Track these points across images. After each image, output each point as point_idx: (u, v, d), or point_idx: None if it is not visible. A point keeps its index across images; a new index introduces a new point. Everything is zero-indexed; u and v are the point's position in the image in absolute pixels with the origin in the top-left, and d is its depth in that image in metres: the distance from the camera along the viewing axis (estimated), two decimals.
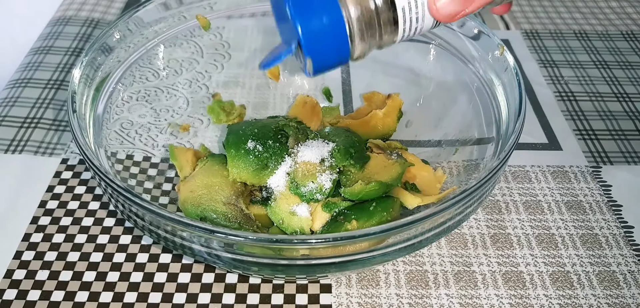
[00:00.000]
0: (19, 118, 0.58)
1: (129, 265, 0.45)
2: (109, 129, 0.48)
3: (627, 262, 0.46)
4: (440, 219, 0.36)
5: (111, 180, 0.37)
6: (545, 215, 0.50)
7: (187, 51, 0.57)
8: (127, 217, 0.39)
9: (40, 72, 0.65)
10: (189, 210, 0.44)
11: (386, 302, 0.43)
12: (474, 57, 0.50)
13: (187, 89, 0.56)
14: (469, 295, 0.43)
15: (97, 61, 0.47)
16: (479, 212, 0.50)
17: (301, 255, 0.36)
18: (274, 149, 0.45)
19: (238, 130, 0.46)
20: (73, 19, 0.75)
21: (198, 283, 0.44)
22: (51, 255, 0.45)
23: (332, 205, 0.43)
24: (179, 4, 0.55)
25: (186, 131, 0.54)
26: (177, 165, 0.48)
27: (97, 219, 0.48)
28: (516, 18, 0.78)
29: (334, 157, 0.45)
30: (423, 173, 0.49)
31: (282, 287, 0.44)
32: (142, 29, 0.52)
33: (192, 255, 0.38)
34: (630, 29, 0.76)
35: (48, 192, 0.50)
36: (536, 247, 0.47)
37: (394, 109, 0.54)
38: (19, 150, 0.55)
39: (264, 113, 0.58)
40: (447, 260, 0.46)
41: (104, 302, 0.42)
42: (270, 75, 0.60)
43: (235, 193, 0.45)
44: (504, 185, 0.53)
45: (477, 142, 0.48)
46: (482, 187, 0.37)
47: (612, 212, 0.50)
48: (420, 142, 0.53)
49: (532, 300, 0.43)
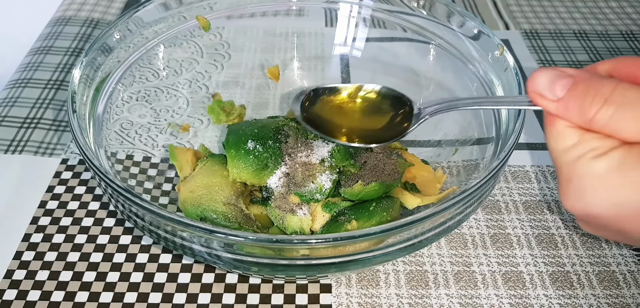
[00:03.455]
0: (19, 118, 0.58)
1: (129, 265, 0.45)
2: (109, 129, 0.48)
3: (627, 262, 0.46)
4: (440, 219, 0.36)
5: (111, 180, 0.37)
6: (545, 215, 0.50)
7: (187, 51, 0.57)
8: (127, 217, 0.39)
9: (40, 72, 0.65)
10: (189, 210, 0.44)
11: (386, 302, 0.43)
12: (474, 57, 0.50)
13: (187, 89, 0.56)
14: (469, 295, 0.43)
15: (97, 61, 0.47)
16: (479, 212, 0.50)
17: (301, 255, 0.36)
18: (274, 149, 0.45)
19: (238, 130, 0.46)
20: (73, 19, 0.75)
21: (198, 284, 0.44)
22: (51, 255, 0.45)
23: (332, 205, 0.43)
24: (179, 4, 0.55)
25: (186, 131, 0.54)
26: (177, 165, 0.48)
27: (97, 219, 0.48)
28: (516, 18, 0.78)
29: (334, 157, 0.45)
30: (423, 173, 0.49)
31: (282, 287, 0.44)
32: (142, 29, 0.52)
33: (192, 256, 0.38)
34: (630, 29, 0.76)
35: (48, 192, 0.50)
36: (536, 247, 0.47)
37: None
38: (19, 151, 0.55)
39: (264, 113, 0.58)
40: (447, 260, 0.46)
41: (104, 302, 0.42)
42: (270, 75, 0.60)
43: (235, 194, 0.45)
44: (504, 185, 0.53)
45: (477, 142, 0.48)
46: (482, 187, 0.37)
47: None
48: (420, 142, 0.53)
49: (532, 300, 0.43)
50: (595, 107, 0.28)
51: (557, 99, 0.29)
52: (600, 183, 0.28)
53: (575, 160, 0.29)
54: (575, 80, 0.29)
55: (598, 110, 0.28)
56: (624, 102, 0.27)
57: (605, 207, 0.28)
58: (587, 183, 0.28)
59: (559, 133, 0.30)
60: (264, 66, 0.61)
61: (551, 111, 0.30)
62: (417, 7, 0.55)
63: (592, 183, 0.28)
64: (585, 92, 0.28)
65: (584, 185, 0.28)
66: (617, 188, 0.27)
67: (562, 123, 0.29)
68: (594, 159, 0.28)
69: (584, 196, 0.29)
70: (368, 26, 0.58)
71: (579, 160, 0.28)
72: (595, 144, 0.28)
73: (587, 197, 0.29)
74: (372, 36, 0.58)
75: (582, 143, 0.29)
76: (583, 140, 0.29)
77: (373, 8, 0.57)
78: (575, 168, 0.29)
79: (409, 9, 0.55)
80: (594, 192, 0.28)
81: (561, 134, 0.29)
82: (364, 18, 0.58)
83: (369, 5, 0.58)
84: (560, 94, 0.29)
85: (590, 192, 0.28)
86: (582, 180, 0.28)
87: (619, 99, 0.27)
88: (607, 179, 0.28)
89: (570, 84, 0.29)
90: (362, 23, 0.58)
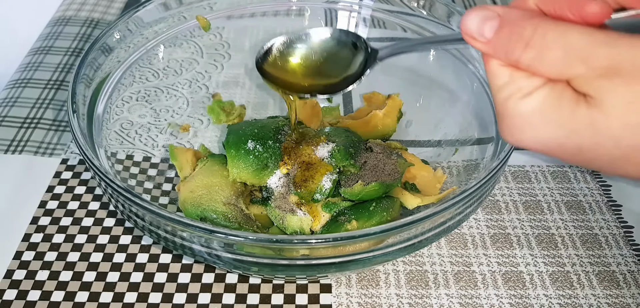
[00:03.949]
0: (19, 118, 0.58)
1: (129, 265, 0.45)
2: (109, 129, 0.48)
3: (627, 262, 0.46)
4: (440, 219, 0.36)
5: (111, 181, 0.37)
6: (545, 215, 0.50)
7: (187, 51, 0.57)
8: (127, 217, 0.39)
9: (40, 72, 0.65)
10: (189, 210, 0.44)
11: (386, 302, 0.43)
12: (474, 57, 0.50)
13: (187, 89, 0.56)
14: (469, 295, 0.43)
15: (97, 61, 0.47)
16: (479, 212, 0.50)
17: (301, 255, 0.36)
18: (274, 149, 0.45)
19: (238, 130, 0.46)
20: (73, 19, 0.75)
21: (198, 284, 0.44)
22: (51, 255, 0.45)
23: (332, 205, 0.43)
24: (179, 4, 0.55)
25: (186, 131, 0.54)
26: (177, 165, 0.48)
27: (97, 219, 0.48)
28: None
29: (334, 157, 0.45)
30: (423, 173, 0.49)
31: (282, 287, 0.44)
32: (142, 29, 0.52)
33: (192, 255, 0.38)
34: None
35: (48, 192, 0.50)
36: (536, 247, 0.47)
37: (393, 109, 0.54)
38: (19, 151, 0.55)
39: (264, 113, 0.58)
40: (447, 260, 0.46)
41: (104, 302, 0.42)
42: None
43: (235, 194, 0.45)
44: (504, 185, 0.53)
45: (477, 142, 0.48)
46: (482, 187, 0.37)
47: (612, 212, 0.50)
48: (420, 142, 0.53)
49: (532, 300, 0.43)
50: (518, 50, 0.29)
51: (486, 40, 0.30)
52: (525, 123, 0.30)
53: (506, 100, 0.30)
54: (501, 22, 0.30)
55: (521, 53, 0.29)
56: (544, 44, 0.28)
57: (533, 144, 0.30)
58: (515, 122, 0.30)
59: (492, 71, 0.31)
60: None
61: (482, 51, 0.31)
62: (417, 7, 0.55)
63: (519, 122, 0.30)
64: (509, 34, 0.29)
65: (513, 123, 0.30)
66: (539, 128, 0.29)
67: (494, 62, 0.30)
68: (520, 100, 0.29)
69: (514, 133, 0.30)
70: (368, 26, 0.58)
71: (508, 100, 0.30)
72: (522, 83, 0.29)
73: (516, 134, 0.30)
74: (372, 36, 0.58)
75: (511, 82, 0.30)
76: (512, 80, 0.30)
77: (373, 8, 0.57)
78: (506, 108, 0.30)
79: (409, 9, 0.55)
80: (521, 130, 0.30)
81: (494, 72, 0.31)
82: (364, 18, 0.58)
83: (369, 5, 0.58)
84: (489, 36, 0.30)
85: (518, 130, 0.30)
86: (511, 119, 0.30)
87: (539, 41, 0.28)
88: (531, 119, 0.29)
89: (497, 26, 0.30)
90: (362, 23, 0.58)
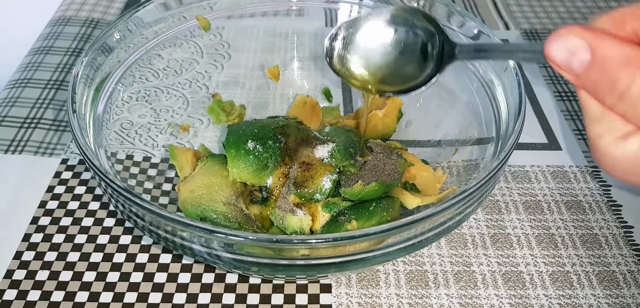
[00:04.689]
0: (19, 118, 0.58)
1: (129, 265, 0.45)
2: (109, 129, 0.48)
3: (627, 262, 0.46)
4: (440, 219, 0.36)
5: (111, 181, 0.37)
6: (545, 215, 0.50)
7: (187, 51, 0.57)
8: (127, 217, 0.39)
9: (40, 72, 0.65)
10: (189, 210, 0.44)
11: (386, 302, 0.43)
12: None
13: (187, 89, 0.56)
14: (469, 295, 0.43)
15: (97, 61, 0.47)
16: (479, 212, 0.50)
17: (301, 255, 0.36)
18: (274, 149, 0.45)
19: (238, 130, 0.46)
20: (73, 19, 0.75)
21: (198, 284, 0.44)
22: (51, 255, 0.45)
23: (332, 205, 0.43)
24: (179, 4, 0.55)
25: (186, 131, 0.54)
26: (177, 165, 0.48)
27: (97, 219, 0.48)
28: (516, 18, 0.78)
29: (334, 157, 0.45)
30: (423, 173, 0.49)
31: (282, 287, 0.44)
32: (142, 29, 0.52)
33: (192, 256, 0.38)
34: None
35: (48, 192, 0.50)
36: (536, 247, 0.47)
37: (393, 109, 0.54)
38: (19, 151, 0.55)
39: (264, 113, 0.58)
40: (447, 260, 0.46)
41: (104, 302, 0.42)
42: (270, 75, 0.60)
43: (235, 194, 0.45)
44: (504, 185, 0.53)
45: (477, 142, 0.48)
46: (482, 187, 0.37)
47: (612, 212, 0.50)
48: (420, 142, 0.53)
49: (532, 300, 0.43)
50: (611, 98, 0.28)
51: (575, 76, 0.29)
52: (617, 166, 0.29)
53: (599, 137, 0.29)
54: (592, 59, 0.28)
55: (614, 102, 0.28)
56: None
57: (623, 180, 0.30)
58: (607, 161, 0.30)
59: (584, 101, 0.30)
60: (264, 66, 0.61)
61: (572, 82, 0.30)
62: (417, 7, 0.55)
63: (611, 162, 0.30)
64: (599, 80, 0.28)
65: (605, 161, 0.30)
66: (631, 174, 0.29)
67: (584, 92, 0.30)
68: (613, 142, 0.29)
69: (605, 167, 0.30)
70: None
71: (601, 138, 0.29)
72: (616, 124, 0.29)
73: (608, 169, 0.30)
74: None
75: (604, 120, 0.29)
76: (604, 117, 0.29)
77: (373, 8, 0.57)
78: (597, 144, 0.30)
79: None
80: (613, 169, 0.30)
81: (585, 102, 0.30)
82: None
83: (369, 5, 0.58)
84: (578, 71, 0.29)
85: (609, 167, 0.30)
86: (603, 156, 0.30)
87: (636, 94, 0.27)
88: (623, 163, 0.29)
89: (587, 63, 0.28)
90: None
